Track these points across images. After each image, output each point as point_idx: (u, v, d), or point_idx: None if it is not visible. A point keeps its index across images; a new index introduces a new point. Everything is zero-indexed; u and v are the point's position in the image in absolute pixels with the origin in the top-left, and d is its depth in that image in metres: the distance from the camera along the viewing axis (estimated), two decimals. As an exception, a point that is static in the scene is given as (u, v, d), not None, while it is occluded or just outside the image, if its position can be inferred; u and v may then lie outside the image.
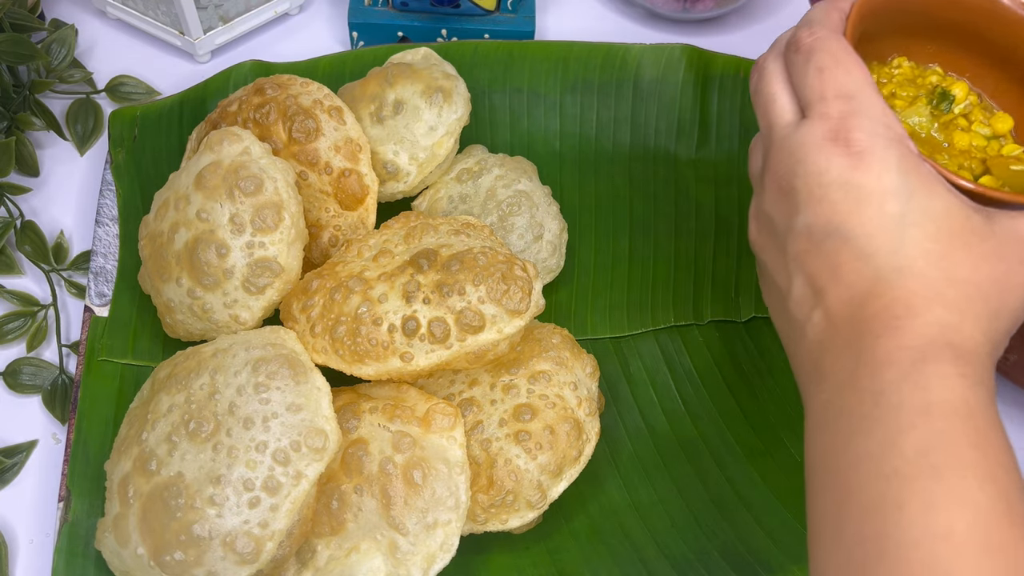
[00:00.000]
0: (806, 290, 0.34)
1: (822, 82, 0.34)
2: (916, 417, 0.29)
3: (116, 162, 0.53)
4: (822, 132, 0.33)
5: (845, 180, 0.32)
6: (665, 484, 0.46)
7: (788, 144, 0.34)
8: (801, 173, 0.33)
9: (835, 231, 0.32)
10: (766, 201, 0.36)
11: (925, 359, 0.30)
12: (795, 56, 0.36)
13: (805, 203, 0.33)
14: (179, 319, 0.45)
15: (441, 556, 0.38)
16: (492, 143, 0.57)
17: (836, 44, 0.35)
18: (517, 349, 0.43)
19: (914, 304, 0.31)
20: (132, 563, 0.37)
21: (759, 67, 0.38)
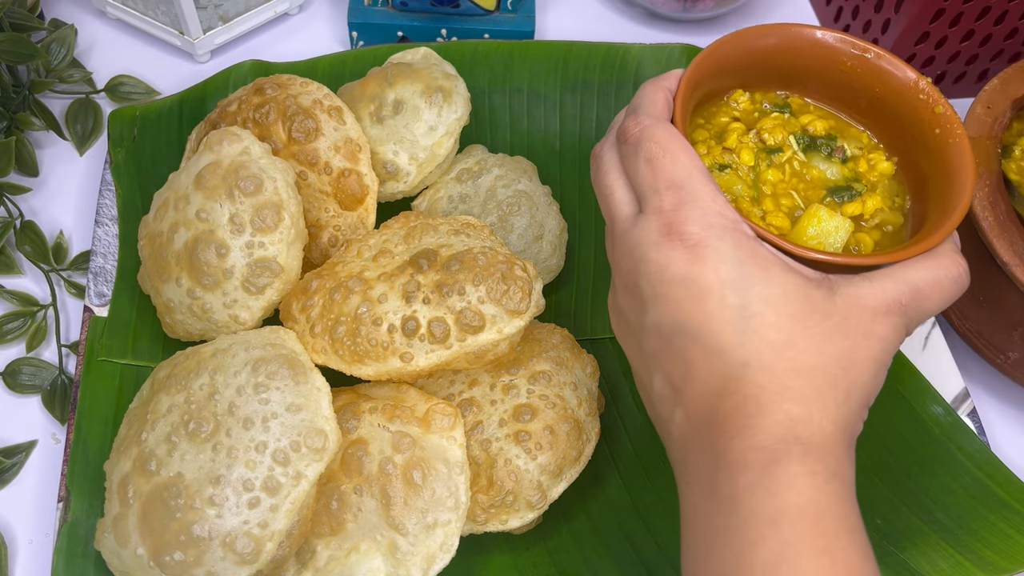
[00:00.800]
0: (666, 388, 0.34)
1: (652, 173, 0.34)
2: (766, 528, 0.29)
3: (116, 162, 0.53)
4: (657, 228, 0.33)
5: (684, 276, 0.32)
6: (665, 484, 0.46)
7: (628, 241, 0.34)
8: (643, 272, 0.33)
9: (681, 329, 0.32)
10: (619, 297, 0.36)
11: (776, 460, 0.29)
12: (624, 147, 0.35)
13: (651, 302, 0.33)
14: (179, 319, 0.44)
15: (441, 556, 0.38)
16: (492, 143, 0.57)
17: (662, 132, 0.34)
18: (517, 349, 0.43)
19: (763, 401, 0.30)
20: (132, 563, 0.37)
21: (596, 157, 0.38)
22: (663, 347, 0.33)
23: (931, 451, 0.47)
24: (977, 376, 0.52)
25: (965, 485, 0.45)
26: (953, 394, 0.49)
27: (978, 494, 0.45)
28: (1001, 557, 0.43)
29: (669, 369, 0.33)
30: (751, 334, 0.31)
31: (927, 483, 0.46)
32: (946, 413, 0.48)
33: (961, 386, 0.49)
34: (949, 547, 0.43)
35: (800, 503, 0.29)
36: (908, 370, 0.50)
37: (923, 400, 0.49)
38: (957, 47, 0.60)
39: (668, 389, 0.33)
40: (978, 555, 0.43)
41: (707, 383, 0.32)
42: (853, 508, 0.30)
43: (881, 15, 0.60)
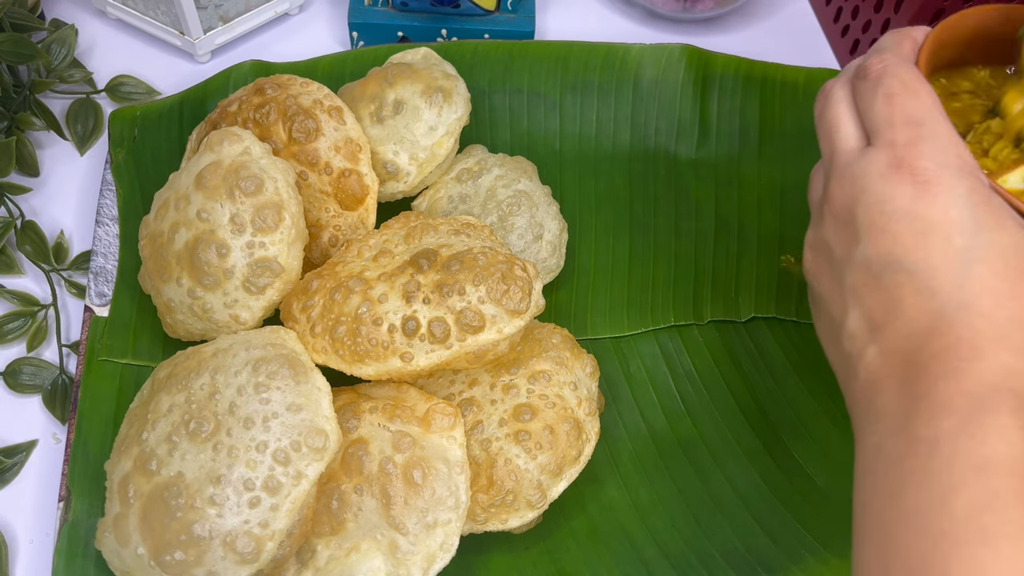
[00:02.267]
0: (862, 324, 0.32)
1: (890, 108, 0.33)
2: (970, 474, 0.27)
3: (116, 162, 0.53)
4: (887, 160, 0.32)
5: (909, 210, 0.31)
6: (665, 484, 0.46)
7: (851, 171, 0.33)
8: (863, 201, 0.32)
9: (896, 263, 0.31)
10: (825, 229, 0.35)
11: (985, 408, 0.28)
12: (863, 83, 0.34)
13: (866, 233, 0.32)
14: (179, 319, 0.45)
15: (441, 556, 0.38)
16: (492, 143, 0.57)
17: (906, 71, 0.34)
18: (517, 349, 0.43)
19: (978, 345, 0.29)
20: (132, 563, 0.37)
21: (824, 92, 0.37)
22: (870, 281, 0.32)
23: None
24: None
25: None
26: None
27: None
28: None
29: (871, 304, 0.32)
30: (974, 278, 0.30)
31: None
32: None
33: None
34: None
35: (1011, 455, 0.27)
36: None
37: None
38: (957, 47, 0.60)
39: (865, 325, 0.32)
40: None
41: (915, 321, 0.30)
42: None
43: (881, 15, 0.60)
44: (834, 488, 0.46)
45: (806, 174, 0.57)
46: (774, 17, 0.68)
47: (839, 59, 0.66)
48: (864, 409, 0.32)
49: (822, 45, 0.67)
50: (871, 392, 0.32)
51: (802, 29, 0.68)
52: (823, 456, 0.47)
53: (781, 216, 0.56)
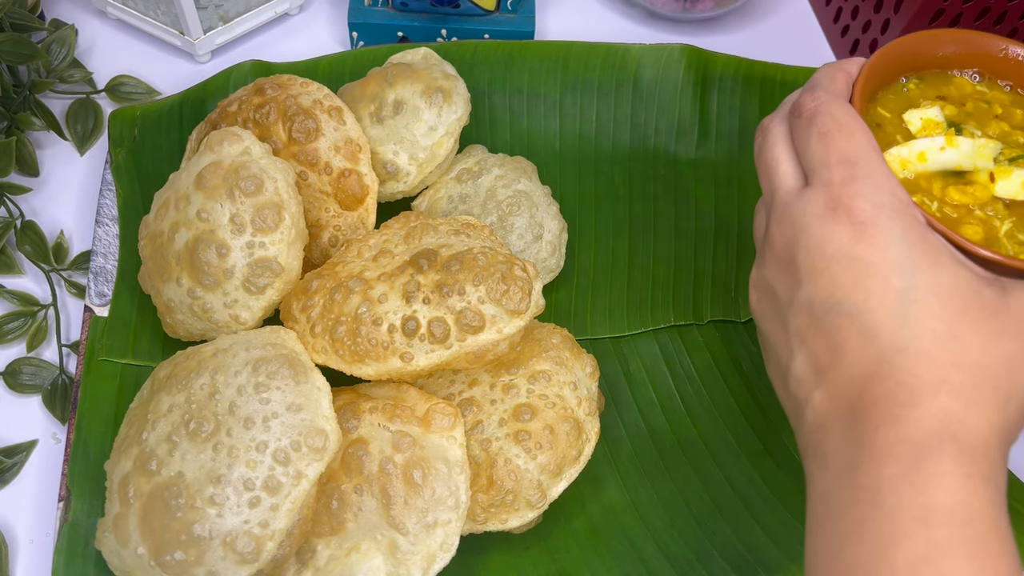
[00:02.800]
0: (807, 368, 0.32)
1: (824, 148, 0.33)
2: (911, 525, 0.27)
3: (116, 162, 0.53)
4: (824, 200, 0.32)
5: (847, 252, 0.31)
6: (665, 484, 0.46)
7: (790, 212, 0.33)
8: (803, 244, 0.32)
9: (836, 306, 0.31)
10: (767, 270, 0.35)
11: (926, 455, 0.28)
12: (797, 121, 0.35)
13: (807, 276, 0.32)
14: (179, 319, 0.45)
15: (441, 556, 0.38)
16: (492, 143, 0.57)
17: (839, 109, 0.34)
18: (517, 349, 0.43)
19: (917, 391, 0.29)
20: (132, 563, 0.37)
21: (763, 129, 0.37)
22: (812, 324, 0.32)
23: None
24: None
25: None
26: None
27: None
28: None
29: (815, 348, 0.32)
30: (912, 320, 0.30)
31: (927, 483, 0.46)
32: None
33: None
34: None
35: (951, 504, 0.27)
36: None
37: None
38: (957, 47, 0.60)
39: (810, 369, 0.32)
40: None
41: (856, 365, 0.30)
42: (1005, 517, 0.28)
43: (880, 15, 0.60)
44: (834, 488, 0.46)
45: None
46: (774, 17, 0.68)
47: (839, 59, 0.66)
48: (812, 454, 0.32)
49: (822, 45, 0.67)
50: (818, 437, 0.32)
51: (802, 29, 0.68)
52: (823, 456, 0.47)
53: (781, 216, 0.56)
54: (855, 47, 0.63)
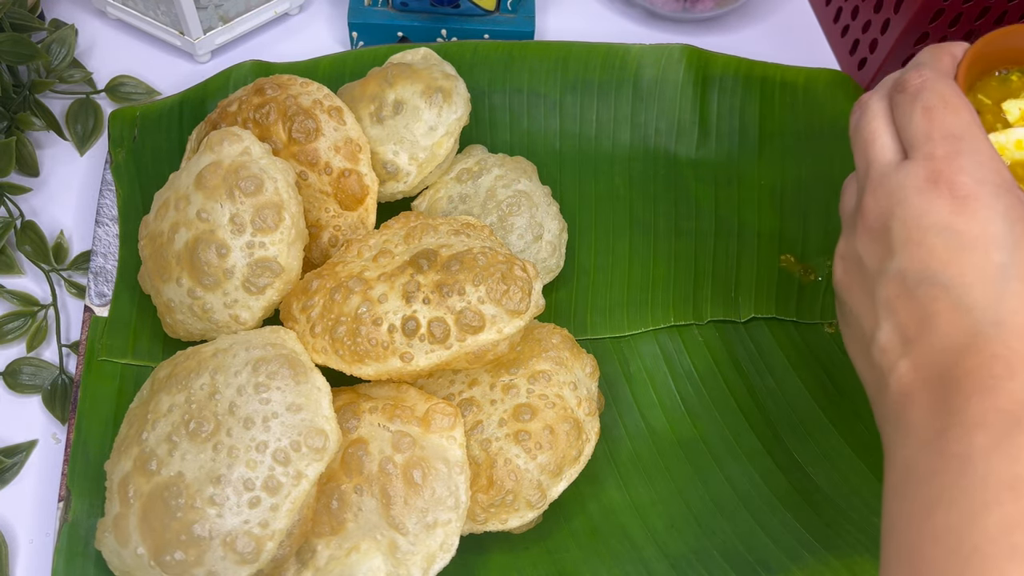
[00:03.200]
0: (894, 337, 0.32)
1: (928, 122, 0.33)
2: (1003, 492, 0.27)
3: (116, 162, 0.53)
4: (925, 173, 0.32)
5: (946, 225, 0.31)
6: (665, 484, 0.46)
7: (887, 184, 0.33)
8: (899, 215, 0.32)
9: (932, 278, 0.31)
10: (858, 241, 0.34)
11: (1019, 425, 0.28)
12: (901, 96, 0.34)
13: (901, 246, 0.32)
14: (179, 319, 0.45)
15: (441, 556, 0.38)
16: (492, 143, 0.57)
17: (945, 86, 0.34)
18: (517, 349, 0.43)
19: (1013, 363, 0.29)
20: (132, 563, 0.37)
21: (862, 104, 0.37)
22: (903, 294, 0.32)
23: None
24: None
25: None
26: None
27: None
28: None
29: (905, 318, 0.32)
30: (1010, 295, 0.30)
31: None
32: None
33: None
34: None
35: None
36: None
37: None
38: (957, 47, 0.60)
39: (897, 338, 0.32)
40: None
41: (949, 336, 0.30)
42: None
43: (880, 15, 0.60)
44: (834, 488, 0.46)
45: (806, 174, 0.57)
46: (774, 17, 0.68)
47: (839, 59, 0.66)
48: (894, 423, 0.32)
49: (822, 45, 0.67)
50: (902, 406, 0.31)
51: (802, 29, 0.68)
52: (823, 456, 0.47)
53: (781, 216, 0.56)
54: (855, 47, 0.63)
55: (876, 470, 0.47)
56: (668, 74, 0.58)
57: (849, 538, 0.44)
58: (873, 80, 0.62)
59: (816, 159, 0.57)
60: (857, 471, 0.47)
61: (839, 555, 0.43)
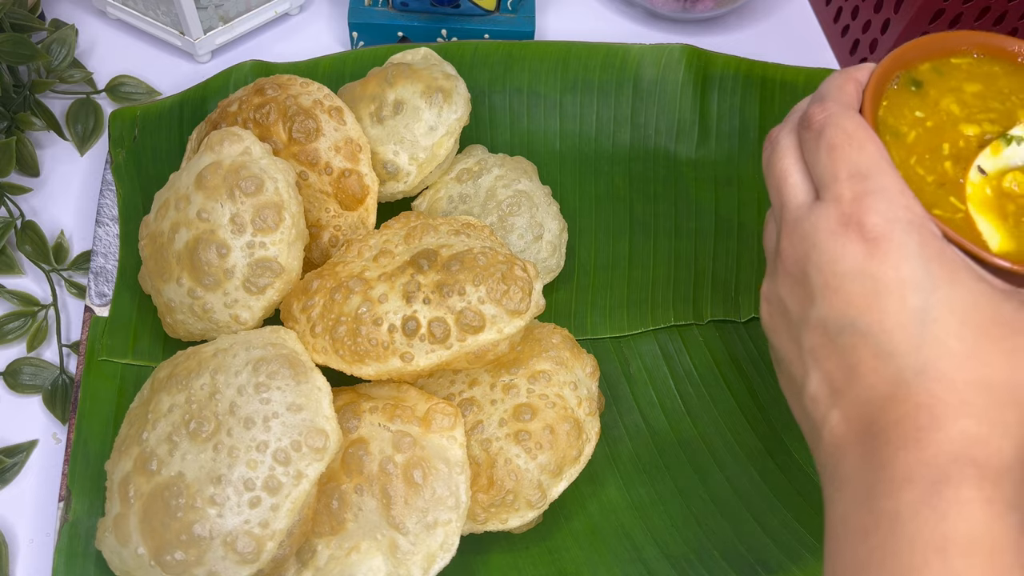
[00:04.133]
0: (822, 388, 0.32)
1: (834, 161, 0.32)
2: (932, 555, 0.26)
3: (116, 162, 0.53)
4: (836, 215, 0.31)
5: (860, 270, 0.30)
6: (665, 484, 0.46)
7: (801, 228, 0.33)
8: (815, 260, 0.32)
9: (851, 325, 0.30)
10: (780, 285, 0.34)
11: (946, 480, 0.27)
12: (806, 133, 0.34)
13: (820, 293, 0.31)
14: (179, 319, 0.45)
15: (441, 556, 0.38)
16: (492, 143, 0.57)
17: (849, 121, 0.33)
18: (517, 349, 0.43)
19: (937, 413, 0.28)
20: (133, 563, 0.37)
21: (771, 141, 0.36)
22: (826, 343, 0.31)
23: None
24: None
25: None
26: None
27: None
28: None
29: (830, 368, 0.31)
30: (930, 340, 0.29)
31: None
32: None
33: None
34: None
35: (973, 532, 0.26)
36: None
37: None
38: (957, 47, 0.60)
39: (825, 389, 0.32)
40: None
41: (873, 387, 0.30)
42: None
43: (880, 15, 0.60)
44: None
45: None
46: (774, 17, 0.68)
47: (839, 59, 0.66)
48: (830, 476, 0.31)
49: (822, 45, 0.67)
50: (836, 458, 0.31)
51: (802, 29, 0.68)
52: (823, 456, 0.48)
53: (781, 216, 0.56)
54: (855, 47, 0.63)
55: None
56: (668, 74, 0.58)
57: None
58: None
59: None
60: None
61: (839, 555, 0.43)
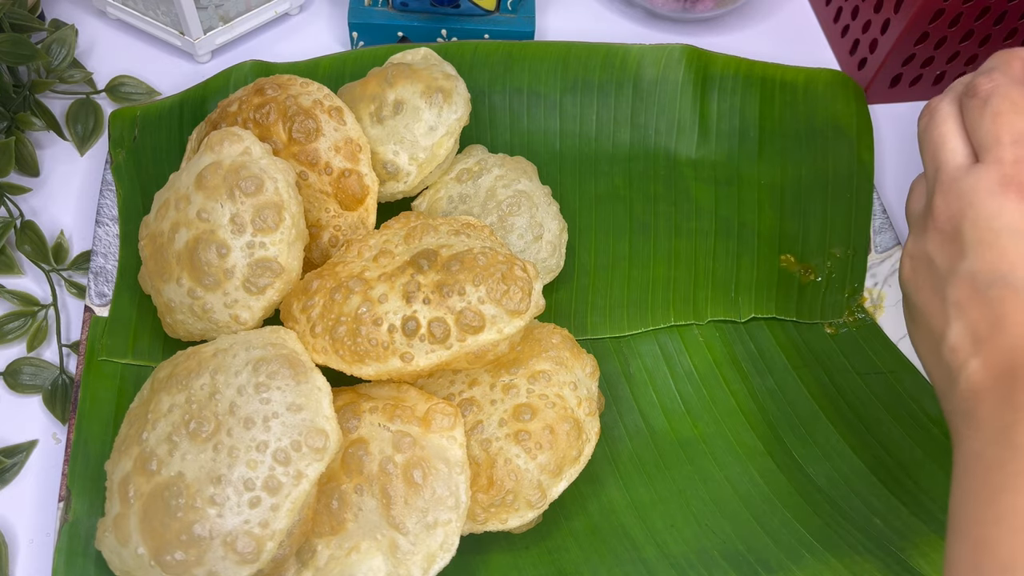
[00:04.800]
0: (964, 337, 0.33)
1: (998, 127, 0.34)
2: None
3: (116, 162, 0.53)
4: (996, 177, 0.33)
5: (1018, 228, 0.32)
6: (665, 484, 0.46)
7: (958, 187, 0.34)
8: (971, 217, 0.33)
9: (1002, 279, 0.32)
10: (928, 242, 0.36)
11: None
12: (971, 101, 0.36)
13: (972, 248, 0.33)
14: (179, 319, 0.45)
15: (441, 556, 0.38)
16: (492, 143, 0.57)
17: (1016, 91, 0.35)
18: (517, 349, 0.43)
19: None
20: (132, 563, 0.37)
21: (930, 109, 0.38)
22: (974, 295, 0.33)
23: (931, 451, 0.47)
24: (976, 376, 0.52)
25: (964, 485, 0.45)
26: (952, 394, 0.49)
27: (977, 494, 0.45)
28: (1000, 557, 0.43)
29: (976, 318, 0.33)
30: None
31: (927, 483, 0.46)
32: (946, 413, 0.48)
33: (960, 386, 0.49)
34: (948, 547, 0.43)
35: None
36: (908, 370, 0.50)
37: (923, 400, 0.49)
38: (956, 47, 0.60)
39: (968, 338, 0.33)
40: (977, 555, 0.43)
41: (1018, 336, 0.31)
42: None
43: (881, 15, 0.60)
44: (834, 488, 0.46)
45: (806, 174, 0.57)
46: (774, 17, 0.68)
47: (839, 59, 0.66)
48: (964, 418, 0.33)
49: (822, 45, 0.67)
50: (972, 402, 0.32)
51: (802, 29, 0.68)
52: (823, 456, 0.47)
53: (781, 216, 0.56)
54: (855, 47, 0.63)
55: (875, 470, 0.47)
56: (668, 74, 0.58)
57: (849, 538, 0.44)
58: (873, 80, 0.62)
59: (816, 159, 0.57)
60: (856, 471, 0.47)
61: (839, 555, 0.43)
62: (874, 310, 0.52)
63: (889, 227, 0.54)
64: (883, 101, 0.64)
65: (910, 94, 0.64)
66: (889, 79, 0.62)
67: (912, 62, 0.61)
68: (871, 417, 0.49)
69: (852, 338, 0.52)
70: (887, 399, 0.49)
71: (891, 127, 0.62)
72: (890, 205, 0.58)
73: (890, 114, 0.63)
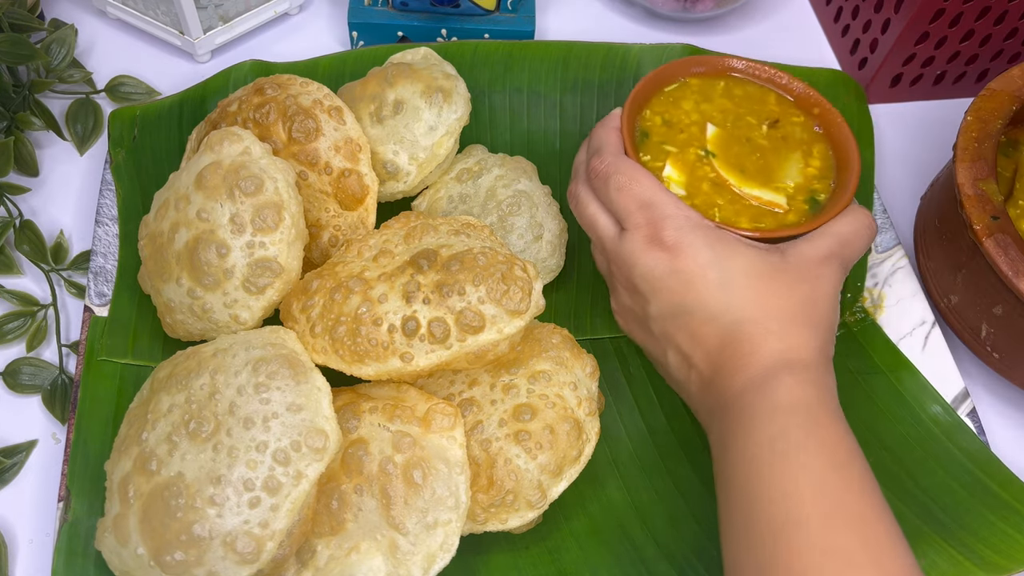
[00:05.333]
0: (678, 358, 0.42)
1: (624, 199, 0.42)
2: (766, 417, 0.37)
3: (116, 162, 0.53)
4: (640, 239, 0.42)
5: (672, 270, 0.41)
6: (665, 484, 0.46)
7: (619, 254, 0.43)
8: (638, 274, 0.42)
9: (680, 309, 0.41)
10: (622, 298, 0.44)
11: (770, 377, 0.38)
12: (596, 182, 0.44)
13: (651, 295, 0.42)
14: (179, 319, 0.44)
15: (441, 556, 0.38)
16: (492, 143, 0.57)
17: (624, 164, 0.43)
18: (517, 349, 0.43)
19: (755, 342, 0.39)
20: (132, 563, 0.37)
21: (573, 196, 0.46)
22: (669, 326, 0.42)
23: (931, 451, 0.47)
24: (977, 376, 0.52)
25: (965, 485, 0.45)
26: (953, 394, 0.49)
27: (978, 493, 0.45)
28: (1001, 556, 0.43)
29: (678, 342, 0.42)
30: (734, 297, 0.40)
31: (927, 483, 0.46)
32: (945, 413, 0.48)
33: (961, 386, 0.49)
34: (949, 546, 0.43)
35: (792, 400, 0.38)
36: (908, 370, 0.50)
37: (923, 400, 0.49)
38: (957, 47, 0.60)
39: (680, 357, 0.42)
40: (978, 555, 0.43)
41: (709, 342, 0.40)
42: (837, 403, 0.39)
43: (881, 15, 0.60)
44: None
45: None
46: (774, 17, 0.68)
47: (839, 59, 0.66)
48: (703, 411, 0.42)
49: (822, 45, 0.67)
50: (702, 397, 0.41)
51: (802, 29, 0.68)
52: (823, 456, 0.47)
53: (781, 216, 0.56)
54: (855, 47, 0.63)
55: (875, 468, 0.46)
56: (668, 74, 0.58)
57: (849, 538, 0.44)
58: (873, 80, 0.62)
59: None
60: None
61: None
62: (874, 310, 0.52)
63: (889, 227, 0.54)
64: (883, 101, 0.64)
65: (910, 94, 0.64)
66: (889, 79, 0.62)
67: (912, 62, 0.61)
68: (871, 417, 0.49)
69: (852, 338, 0.51)
70: (887, 399, 0.49)
71: (891, 127, 0.62)
72: (890, 205, 0.58)
73: (890, 114, 0.63)
